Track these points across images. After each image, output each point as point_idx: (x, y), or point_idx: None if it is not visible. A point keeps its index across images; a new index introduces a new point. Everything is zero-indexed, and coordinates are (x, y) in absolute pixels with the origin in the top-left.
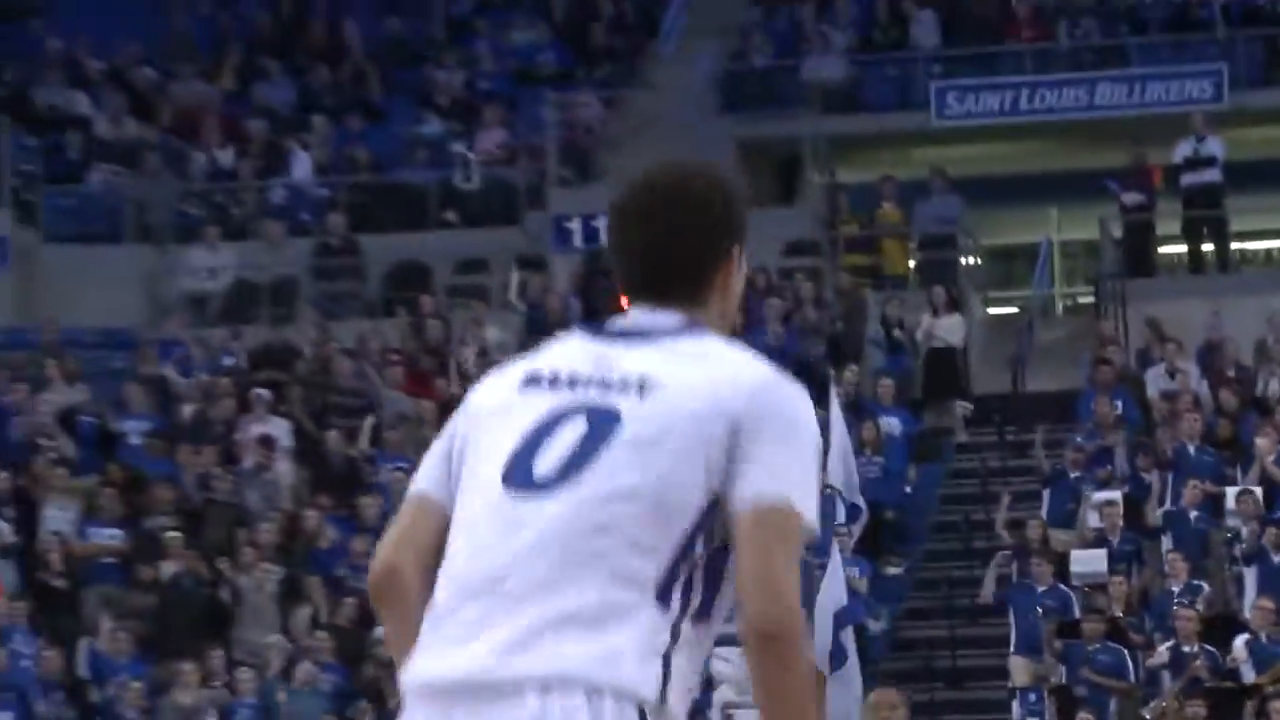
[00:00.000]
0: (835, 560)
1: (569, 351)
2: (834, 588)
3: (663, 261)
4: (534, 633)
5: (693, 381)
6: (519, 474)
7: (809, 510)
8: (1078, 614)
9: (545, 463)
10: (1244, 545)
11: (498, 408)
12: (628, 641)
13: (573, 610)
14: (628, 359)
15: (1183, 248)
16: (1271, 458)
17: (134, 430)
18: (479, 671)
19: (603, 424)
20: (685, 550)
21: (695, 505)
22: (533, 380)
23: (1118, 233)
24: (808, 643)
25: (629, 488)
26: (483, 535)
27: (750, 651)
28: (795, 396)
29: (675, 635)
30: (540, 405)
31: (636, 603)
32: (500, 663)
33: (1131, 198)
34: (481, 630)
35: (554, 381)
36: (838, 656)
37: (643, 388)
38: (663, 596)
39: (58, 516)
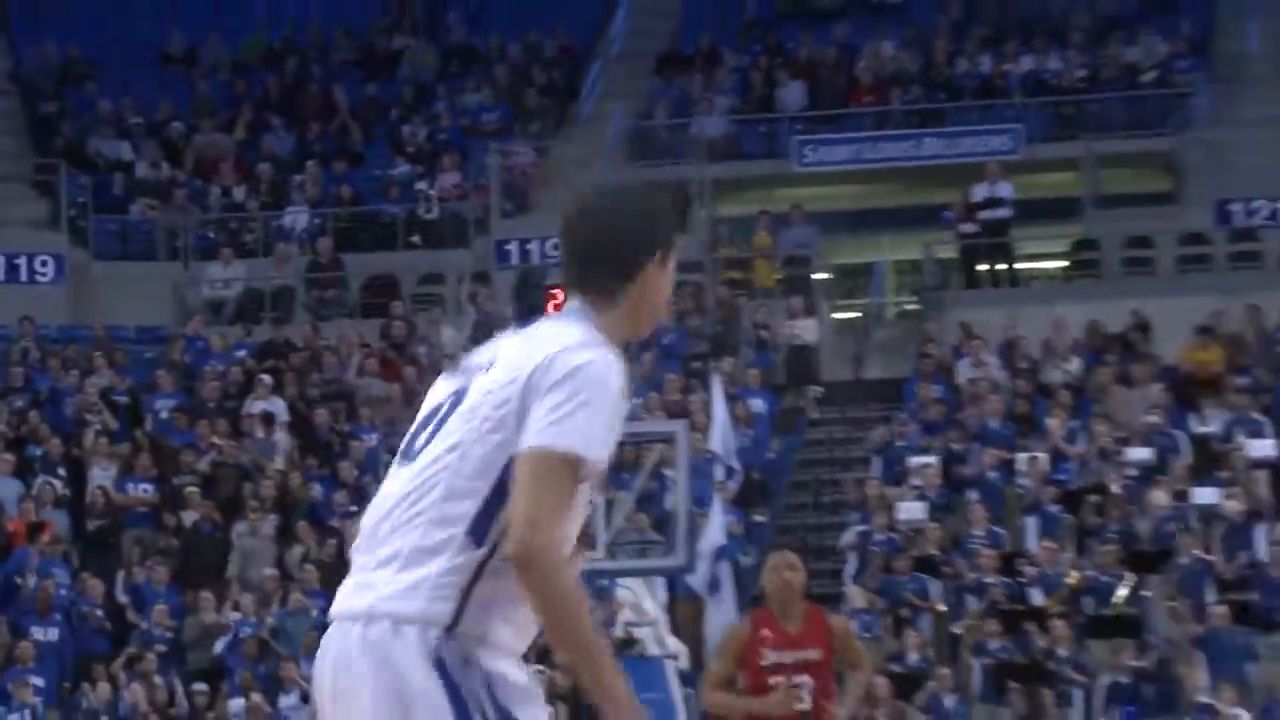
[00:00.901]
0: (715, 509)
1: (491, 343)
2: (713, 531)
3: (584, 261)
4: (367, 575)
5: (515, 356)
6: (407, 447)
7: (583, 449)
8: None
9: (420, 438)
10: (1026, 499)
11: (428, 393)
12: (427, 578)
13: (390, 555)
14: (501, 345)
15: (985, 267)
16: (1061, 434)
17: (163, 407)
18: (338, 609)
19: (456, 400)
20: (498, 495)
21: (502, 458)
22: (451, 369)
23: (939, 254)
24: (562, 563)
25: (449, 446)
26: (375, 499)
27: (515, 574)
28: (584, 358)
29: (479, 572)
30: (442, 390)
31: (447, 543)
32: (347, 600)
33: (965, 228)
34: (351, 576)
35: (464, 370)
36: (714, 585)
37: (489, 366)
38: (476, 535)
39: (101, 475)
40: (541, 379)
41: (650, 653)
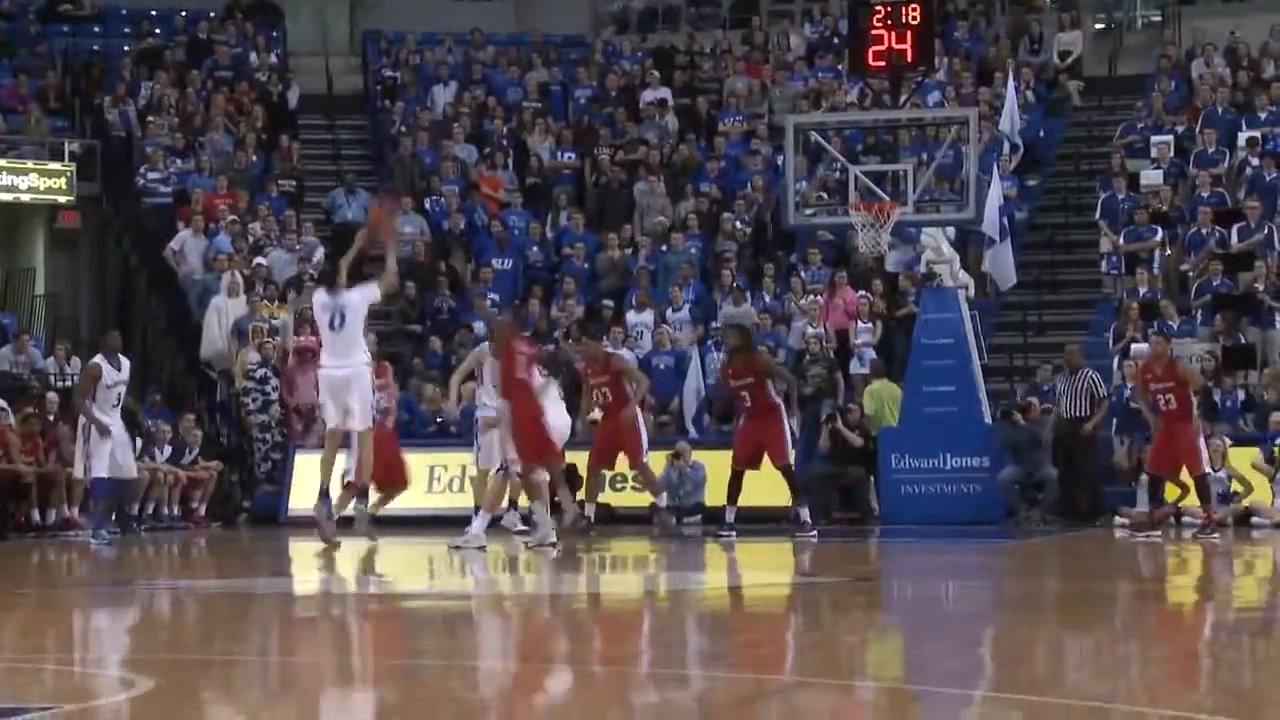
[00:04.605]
0: (996, 176)
1: None
2: (995, 193)
3: None
4: None
5: None
6: None
7: None
8: None
9: None
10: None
11: None
12: None
13: None
14: None
15: None
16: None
17: (581, 95)
18: None
19: None
20: None
21: None
22: None
23: None
24: None
25: None
26: None
27: None
28: None
29: None
30: None
31: None
32: None
33: None
34: None
35: None
36: (1003, 233)
37: None
38: None
39: (537, 144)
40: None
41: (946, 284)
